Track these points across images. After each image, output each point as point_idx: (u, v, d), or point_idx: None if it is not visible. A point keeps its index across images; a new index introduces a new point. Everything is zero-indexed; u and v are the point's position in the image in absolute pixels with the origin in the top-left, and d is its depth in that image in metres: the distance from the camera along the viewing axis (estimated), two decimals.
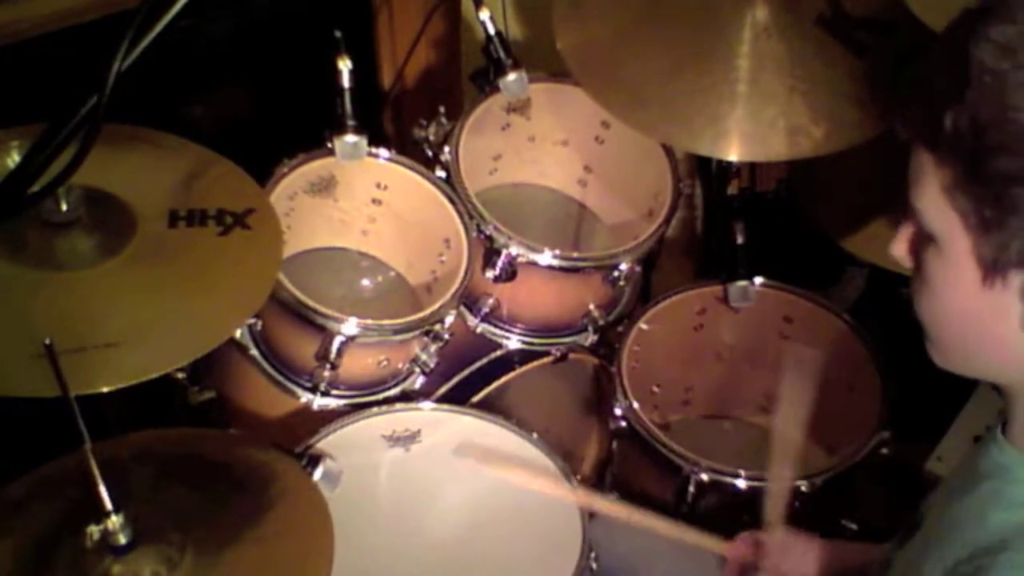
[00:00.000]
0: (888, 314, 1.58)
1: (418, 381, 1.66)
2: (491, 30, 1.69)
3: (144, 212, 1.33)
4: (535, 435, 1.57)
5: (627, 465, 1.74)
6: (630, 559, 1.53)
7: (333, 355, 1.53)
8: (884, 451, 1.59)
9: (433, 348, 1.62)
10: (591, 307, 1.76)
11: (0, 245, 1.26)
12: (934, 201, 0.88)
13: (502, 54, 1.69)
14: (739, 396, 1.93)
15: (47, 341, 1.02)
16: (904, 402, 1.62)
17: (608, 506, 1.52)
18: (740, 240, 1.75)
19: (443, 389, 1.70)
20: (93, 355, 1.17)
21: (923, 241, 0.93)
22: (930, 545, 1.01)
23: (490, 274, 1.65)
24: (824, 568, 1.40)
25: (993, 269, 0.86)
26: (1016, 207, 0.82)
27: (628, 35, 1.69)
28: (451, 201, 1.66)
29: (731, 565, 1.45)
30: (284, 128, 1.72)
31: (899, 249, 0.98)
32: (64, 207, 1.26)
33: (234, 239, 1.35)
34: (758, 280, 1.75)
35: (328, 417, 1.54)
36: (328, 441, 1.49)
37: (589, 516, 1.48)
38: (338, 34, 1.55)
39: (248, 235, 1.36)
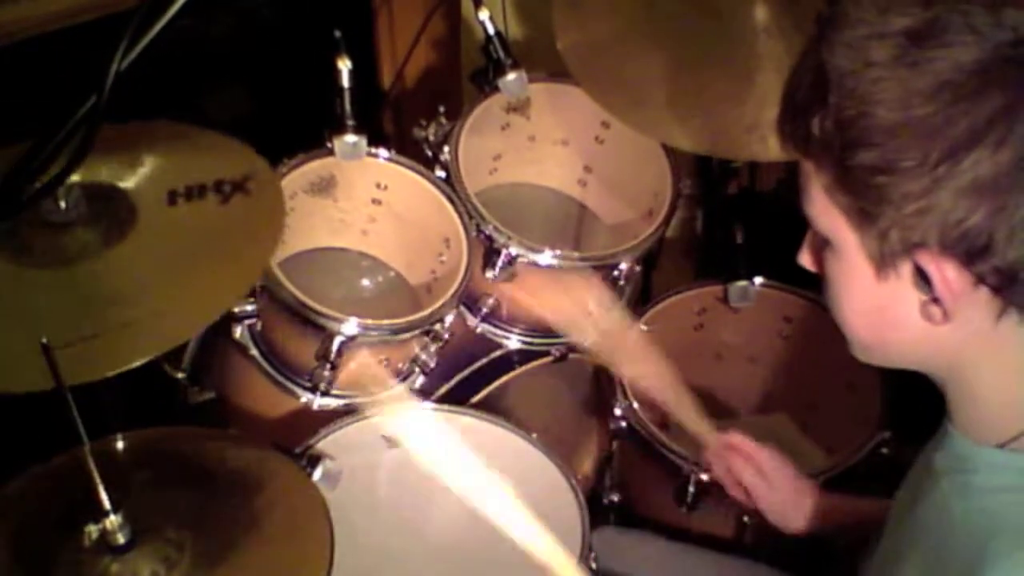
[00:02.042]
0: None
1: (418, 381, 1.66)
2: (491, 30, 1.69)
3: (142, 196, 1.35)
4: (535, 435, 1.57)
5: (627, 465, 1.74)
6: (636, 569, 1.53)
7: (333, 355, 1.53)
8: (884, 451, 1.59)
9: (433, 348, 1.62)
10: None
11: (4, 245, 1.27)
12: (820, 205, 0.92)
13: (502, 54, 1.69)
14: (739, 396, 1.92)
15: (44, 340, 1.02)
16: (904, 402, 1.62)
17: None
18: (740, 240, 1.74)
19: (443, 389, 1.70)
20: (108, 338, 1.19)
21: (821, 246, 0.97)
22: (901, 555, 1.01)
23: (490, 274, 1.65)
24: (818, 516, 1.40)
25: (882, 261, 0.89)
26: (885, 196, 0.85)
27: (628, 35, 1.69)
28: (451, 201, 1.66)
29: (718, 470, 1.46)
30: (284, 128, 1.72)
31: (804, 258, 1.02)
32: (63, 206, 1.26)
33: (236, 205, 1.36)
34: (758, 280, 1.75)
35: (328, 417, 1.54)
36: (328, 441, 1.49)
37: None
38: (338, 34, 1.55)
39: (249, 199, 1.37)
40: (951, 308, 0.88)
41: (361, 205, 1.75)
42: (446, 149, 1.70)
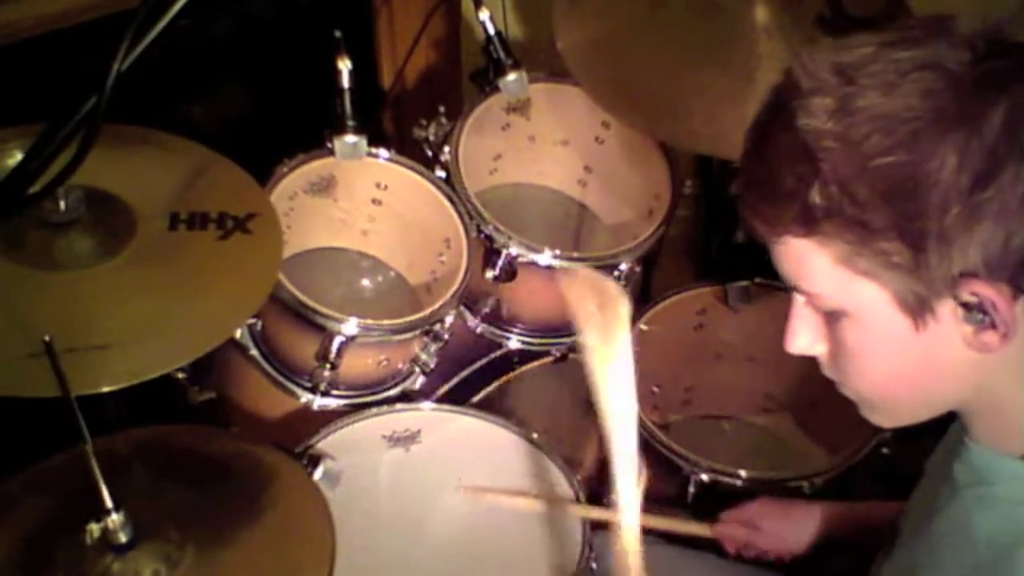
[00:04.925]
0: None
1: (418, 381, 1.66)
2: (491, 30, 1.69)
3: (145, 213, 1.33)
4: (535, 435, 1.57)
5: None
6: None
7: (333, 355, 1.53)
8: (884, 451, 1.59)
9: (433, 348, 1.62)
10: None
11: None
12: (832, 280, 0.87)
13: (502, 54, 1.69)
14: (739, 396, 1.92)
15: (46, 338, 1.01)
16: None
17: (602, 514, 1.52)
18: (740, 240, 1.74)
19: (443, 389, 1.70)
20: (86, 356, 1.16)
21: (832, 322, 0.92)
22: (918, 567, 1.00)
23: (490, 274, 1.65)
24: (822, 530, 1.42)
25: (921, 309, 0.86)
26: (923, 235, 0.81)
27: (628, 35, 1.69)
28: (451, 201, 1.66)
29: (728, 546, 1.49)
30: (284, 128, 1.72)
31: (800, 344, 0.96)
32: (63, 207, 1.25)
33: (234, 243, 1.34)
34: (758, 280, 1.75)
35: (328, 417, 1.54)
36: (328, 441, 1.49)
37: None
38: (338, 34, 1.55)
39: (248, 239, 1.35)
40: (1011, 327, 0.85)
41: (361, 205, 1.75)
42: (446, 149, 1.70)
